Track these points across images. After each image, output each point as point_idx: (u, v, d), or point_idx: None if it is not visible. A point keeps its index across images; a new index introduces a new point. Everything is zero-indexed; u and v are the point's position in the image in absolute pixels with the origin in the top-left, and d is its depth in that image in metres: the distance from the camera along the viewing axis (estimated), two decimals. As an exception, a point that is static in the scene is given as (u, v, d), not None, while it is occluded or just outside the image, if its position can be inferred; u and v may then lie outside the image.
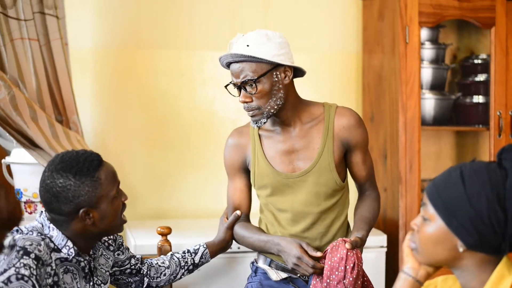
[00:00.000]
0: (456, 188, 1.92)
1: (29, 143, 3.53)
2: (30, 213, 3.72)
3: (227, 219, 3.13)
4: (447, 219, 1.92)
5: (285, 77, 2.87)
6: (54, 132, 3.59)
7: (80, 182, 2.47)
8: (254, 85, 2.83)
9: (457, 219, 1.90)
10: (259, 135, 3.03)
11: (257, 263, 3.09)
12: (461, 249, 1.91)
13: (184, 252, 3.08)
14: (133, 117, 4.28)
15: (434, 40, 4.40)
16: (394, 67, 4.06)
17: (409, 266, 2.04)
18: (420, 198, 4.02)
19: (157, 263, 3.01)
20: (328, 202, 2.98)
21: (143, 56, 4.29)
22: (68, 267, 2.54)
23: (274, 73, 2.85)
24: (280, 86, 2.87)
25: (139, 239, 3.53)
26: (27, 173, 3.71)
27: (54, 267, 2.47)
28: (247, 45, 2.83)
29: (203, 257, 3.09)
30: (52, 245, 2.50)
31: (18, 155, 3.72)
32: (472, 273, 1.95)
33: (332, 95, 4.40)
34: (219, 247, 3.13)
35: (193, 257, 3.07)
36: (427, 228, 1.96)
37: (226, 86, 2.97)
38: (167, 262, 3.03)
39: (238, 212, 3.10)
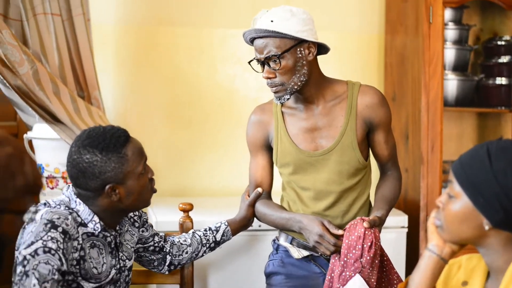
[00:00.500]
0: (482, 165, 1.91)
1: (52, 118, 3.54)
2: (52, 188, 3.73)
3: (249, 196, 3.13)
4: (473, 196, 1.91)
5: (309, 53, 2.86)
6: (76, 107, 3.60)
7: (106, 158, 2.47)
8: (277, 60, 2.81)
9: (483, 196, 1.89)
10: (282, 112, 3.02)
11: (278, 240, 3.09)
12: (486, 227, 1.90)
13: (205, 230, 3.08)
14: (154, 94, 4.28)
15: (457, 21, 4.37)
16: (417, 47, 4.03)
17: (434, 243, 2.03)
18: (442, 179, 4.00)
19: (179, 241, 3.01)
20: (350, 180, 2.97)
21: (165, 33, 4.29)
22: (94, 241, 2.54)
23: (298, 49, 2.83)
24: (304, 62, 2.85)
25: (161, 216, 3.53)
26: (48, 148, 3.72)
27: (80, 242, 2.48)
28: (271, 21, 2.81)
29: (225, 234, 3.09)
30: (79, 219, 2.50)
31: (40, 130, 3.72)
32: (497, 252, 1.94)
33: (353, 74, 4.38)
34: (241, 225, 3.13)
35: (214, 234, 3.07)
36: (453, 205, 1.95)
37: (249, 62, 2.95)
38: (188, 240, 3.03)
39: (259, 189, 3.09)
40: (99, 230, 2.54)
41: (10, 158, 1.70)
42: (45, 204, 2.51)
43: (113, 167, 2.47)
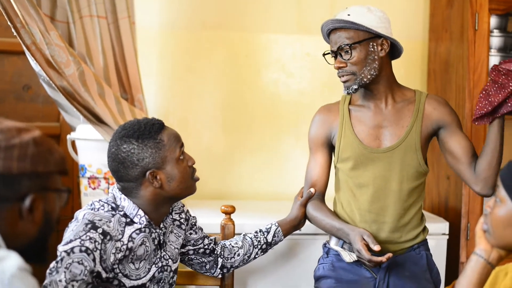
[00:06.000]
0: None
1: (96, 119, 3.56)
2: (94, 188, 3.76)
3: (301, 197, 3.14)
4: (517, 201, 1.90)
5: (381, 49, 2.93)
6: (120, 109, 3.62)
7: (143, 145, 2.51)
8: (349, 51, 2.89)
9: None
10: (349, 110, 3.06)
11: (329, 244, 3.09)
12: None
13: (256, 232, 3.08)
14: (197, 97, 4.30)
15: (502, 28, 4.32)
16: (462, 54, 4.00)
17: (481, 248, 2.02)
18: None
19: (230, 244, 3.03)
20: (409, 183, 2.99)
21: (209, 38, 4.30)
22: (144, 238, 2.57)
23: (371, 43, 2.91)
24: (375, 57, 2.92)
25: (201, 218, 3.52)
26: (91, 149, 3.75)
27: (126, 242, 2.50)
28: (348, 14, 2.90)
29: (276, 235, 3.08)
30: (123, 219, 2.53)
31: (83, 131, 3.75)
32: (544, 258, 1.93)
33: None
34: (292, 225, 3.13)
35: (265, 236, 3.07)
36: (499, 210, 1.95)
37: (324, 55, 3.02)
38: (240, 243, 3.04)
39: (312, 189, 3.11)
40: (144, 223, 2.56)
41: (42, 137, 1.78)
42: (90, 204, 2.55)
43: (150, 153, 2.52)
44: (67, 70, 3.43)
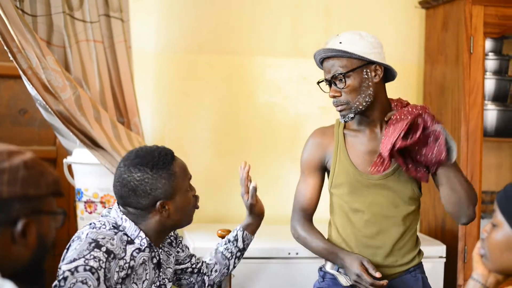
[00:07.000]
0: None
1: (92, 144, 3.56)
2: (90, 213, 3.75)
3: (247, 193, 3.02)
4: (513, 225, 1.90)
5: (375, 75, 2.91)
6: (116, 133, 3.63)
7: (157, 175, 2.52)
8: (343, 79, 2.87)
9: (523, 225, 1.88)
10: (344, 134, 3.05)
11: (325, 268, 3.08)
12: (529, 257, 1.89)
13: (225, 243, 3.03)
14: (193, 121, 4.30)
15: (497, 51, 4.35)
16: (457, 78, 4.02)
17: (478, 272, 2.02)
18: (481, 209, 3.97)
19: (205, 261, 3.02)
20: (403, 208, 2.97)
21: (204, 61, 4.32)
22: (144, 257, 2.56)
23: (364, 70, 2.88)
24: (370, 83, 2.90)
25: (198, 242, 3.54)
26: (88, 173, 3.75)
27: (128, 260, 2.50)
28: (340, 42, 2.88)
29: (245, 239, 3.04)
30: (125, 237, 2.53)
31: (80, 155, 3.75)
32: (541, 282, 1.93)
33: (393, 104, 4.38)
34: (255, 222, 3.05)
35: (236, 244, 3.04)
36: (496, 234, 1.94)
37: (318, 83, 3.01)
38: (213, 259, 3.02)
39: (253, 183, 3.03)
40: (145, 245, 2.56)
41: (34, 159, 1.76)
42: (90, 224, 2.54)
43: (163, 183, 2.52)
44: (63, 94, 3.43)
